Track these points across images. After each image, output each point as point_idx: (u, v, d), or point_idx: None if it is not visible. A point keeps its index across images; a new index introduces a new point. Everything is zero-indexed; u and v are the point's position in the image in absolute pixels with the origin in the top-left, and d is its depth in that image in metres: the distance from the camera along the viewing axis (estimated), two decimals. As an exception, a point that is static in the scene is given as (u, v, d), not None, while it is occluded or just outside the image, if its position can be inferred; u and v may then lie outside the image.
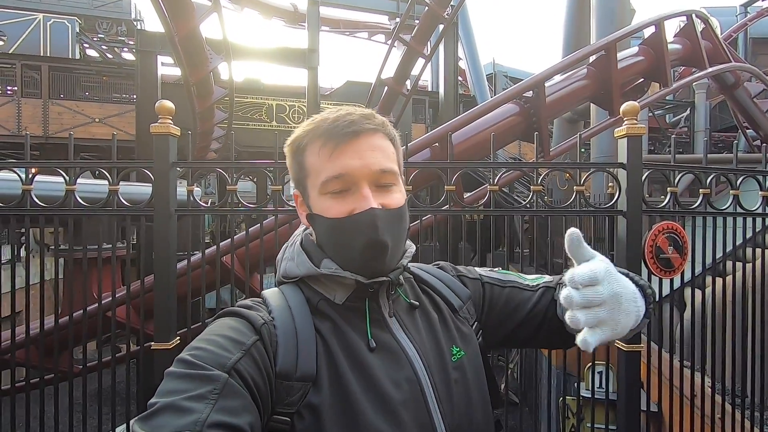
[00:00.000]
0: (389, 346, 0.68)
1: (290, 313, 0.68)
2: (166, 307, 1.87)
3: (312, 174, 0.70)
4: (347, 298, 0.70)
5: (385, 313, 0.71)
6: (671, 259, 2.04)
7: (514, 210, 2.28)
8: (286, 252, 0.78)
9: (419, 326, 0.73)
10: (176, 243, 1.91)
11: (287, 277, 0.75)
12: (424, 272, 0.84)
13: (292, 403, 0.61)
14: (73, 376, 2.29)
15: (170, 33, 5.93)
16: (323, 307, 0.70)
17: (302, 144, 0.72)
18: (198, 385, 0.54)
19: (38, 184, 1.99)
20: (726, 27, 16.67)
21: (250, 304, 0.70)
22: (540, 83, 4.57)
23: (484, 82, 15.44)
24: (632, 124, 1.98)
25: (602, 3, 7.42)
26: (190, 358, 0.58)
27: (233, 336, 0.61)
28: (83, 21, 14.41)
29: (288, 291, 0.73)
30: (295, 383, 0.62)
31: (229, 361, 0.57)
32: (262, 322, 0.65)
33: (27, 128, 11.36)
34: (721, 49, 7.10)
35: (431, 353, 0.71)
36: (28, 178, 1.93)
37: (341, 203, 0.68)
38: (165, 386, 0.56)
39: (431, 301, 0.79)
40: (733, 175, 2.23)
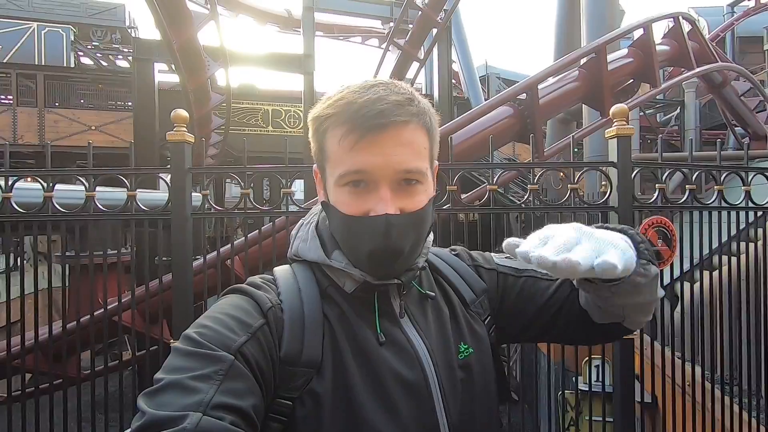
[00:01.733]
0: (398, 342, 0.66)
1: (299, 296, 0.66)
2: (183, 306, 1.95)
3: (331, 161, 0.66)
4: (356, 288, 0.68)
5: (395, 307, 0.69)
6: (661, 251, 2.16)
7: (513, 208, 2.39)
8: (300, 230, 0.75)
9: (429, 320, 0.71)
10: (192, 246, 2.01)
11: (297, 257, 0.73)
12: (439, 260, 0.81)
13: (294, 388, 0.61)
14: (67, 385, 2.32)
15: (169, 41, 6.02)
16: (333, 294, 0.68)
17: (323, 126, 0.66)
18: (203, 365, 0.54)
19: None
20: (713, 26, 16.98)
21: (259, 282, 0.68)
22: (533, 86, 4.70)
23: (478, 84, 15.61)
24: (621, 125, 2.10)
25: (592, 5, 7.58)
26: (196, 336, 0.57)
27: (240, 317, 0.61)
28: (78, 29, 14.42)
29: (300, 272, 0.70)
30: (299, 369, 0.61)
31: (235, 343, 0.57)
32: (269, 305, 0.63)
33: (23, 137, 11.41)
34: (708, 49, 7.29)
35: (439, 349, 0.69)
36: (50, 186, 2.01)
37: (358, 200, 0.64)
38: (171, 362, 0.56)
39: (443, 293, 0.77)
40: (718, 171, 2.35)
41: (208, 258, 2.76)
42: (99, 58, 15.60)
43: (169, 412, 0.50)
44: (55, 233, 2.28)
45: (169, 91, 11.15)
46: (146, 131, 9.17)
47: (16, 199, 2.04)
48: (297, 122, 12.43)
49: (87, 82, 12.88)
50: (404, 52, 9.96)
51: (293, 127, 12.53)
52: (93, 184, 2.03)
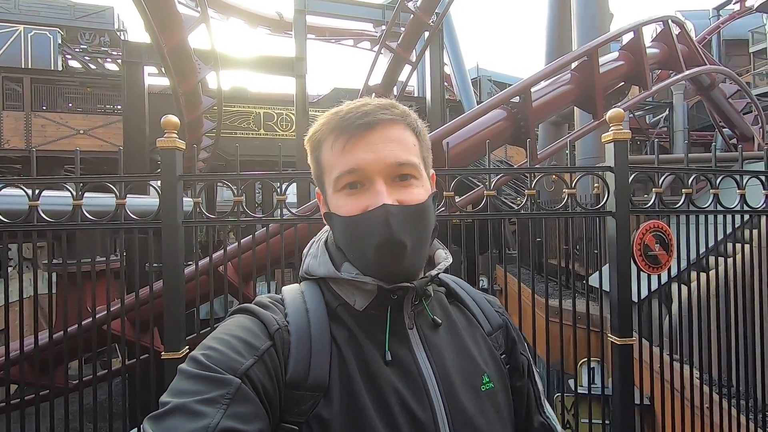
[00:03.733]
0: (405, 364, 0.64)
1: (307, 317, 0.65)
2: (175, 315, 1.90)
3: (327, 170, 0.67)
4: (368, 305, 0.66)
5: (407, 328, 0.66)
6: (658, 256, 2.16)
7: (511, 213, 2.37)
8: (311, 248, 0.74)
9: (443, 345, 0.68)
10: (183, 254, 1.96)
11: (309, 275, 0.71)
12: (457, 286, 0.79)
13: (301, 412, 0.59)
14: (53, 396, 2.27)
15: (159, 44, 5.93)
16: (342, 314, 0.66)
17: (318, 140, 0.68)
18: (210, 389, 0.53)
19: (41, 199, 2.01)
20: (700, 30, 17.26)
21: (267, 302, 0.67)
22: (526, 89, 4.71)
23: (470, 87, 15.69)
24: (618, 129, 2.09)
25: (583, 9, 7.65)
26: (203, 359, 0.56)
27: (247, 339, 0.59)
28: (65, 32, 14.24)
29: (308, 291, 0.69)
30: (305, 393, 0.59)
31: (242, 366, 0.56)
32: (276, 327, 0.62)
33: (9, 141, 11.19)
34: (697, 52, 7.38)
35: (454, 377, 0.65)
36: (35, 194, 1.95)
37: (355, 200, 0.64)
38: (177, 385, 0.55)
39: (465, 318, 0.74)
40: (713, 175, 2.36)
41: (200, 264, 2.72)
42: (87, 61, 15.40)
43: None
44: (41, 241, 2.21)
45: (160, 94, 11.03)
46: (136, 135, 9.05)
47: (0, 206, 1.97)
48: (289, 125, 12.36)
49: (75, 85, 12.68)
50: (396, 55, 9.97)
51: (285, 130, 12.46)
52: (81, 192, 1.97)
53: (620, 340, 2.09)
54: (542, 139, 9.49)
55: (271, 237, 2.15)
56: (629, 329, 2.11)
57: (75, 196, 1.94)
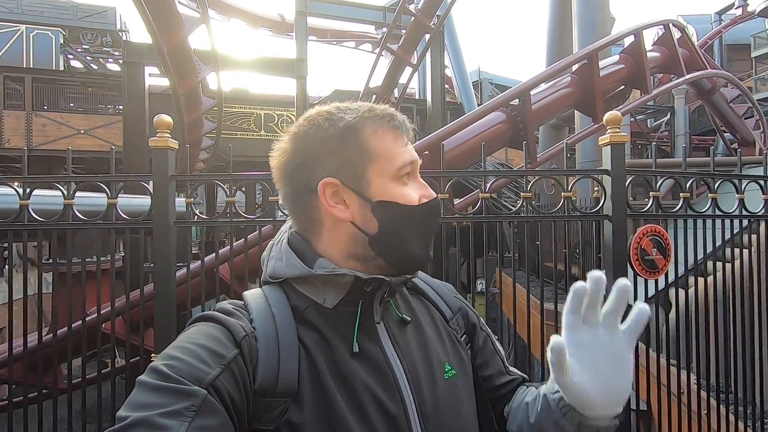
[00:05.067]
0: (375, 358, 0.65)
1: (273, 322, 0.63)
2: (166, 317, 1.89)
3: (382, 159, 0.66)
4: (339, 301, 0.66)
5: (376, 323, 0.67)
6: (655, 260, 2.14)
7: (506, 216, 2.36)
8: (272, 251, 0.72)
9: (409, 338, 0.70)
10: (175, 255, 1.94)
11: (274, 278, 0.70)
12: (418, 279, 0.80)
13: (270, 419, 0.58)
14: (42, 399, 2.25)
15: (159, 45, 5.94)
16: (310, 316, 0.65)
17: (360, 127, 0.67)
18: (174, 400, 0.51)
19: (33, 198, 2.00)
20: (702, 34, 17.25)
21: (230, 309, 0.65)
22: (526, 91, 4.70)
23: (471, 90, 15.69)
24: (615, 132, 2.08)
25: (583, 12, 7.64)
26: (165, 369, 0.53)
27: (213, 347, 0.57)
28: (67, 32, 14.27)
29: (272, 295, 0.67)
30: (274, 399, 0.58)
31: (208, 376, 0.54)
32: (243, 334, 0.60)
33: (10, 141, 11.21)
34: (698, 56, 7.37)
35: (420, 368, 0.67)
36: (26, 193, 1.93)
37: (411, 190, 0.68)
38: (137, 398, 0.52)
39: (426, 310, 0.76)
40: (711, 179, 2.34)
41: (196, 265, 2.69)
42: (89, 61, 15.44)
43: None
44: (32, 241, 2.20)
45: (160, 95, 11.04)
46: (136, 135, 9.05)
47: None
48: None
49: (76, 85, 12.70)
50: (397, 57, 9.97)
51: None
52: (72, 191, 1.96)
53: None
54: (543, 143, 9.48)
55: (264, 239, 2.13)
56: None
57: (66, 196, 1.93)
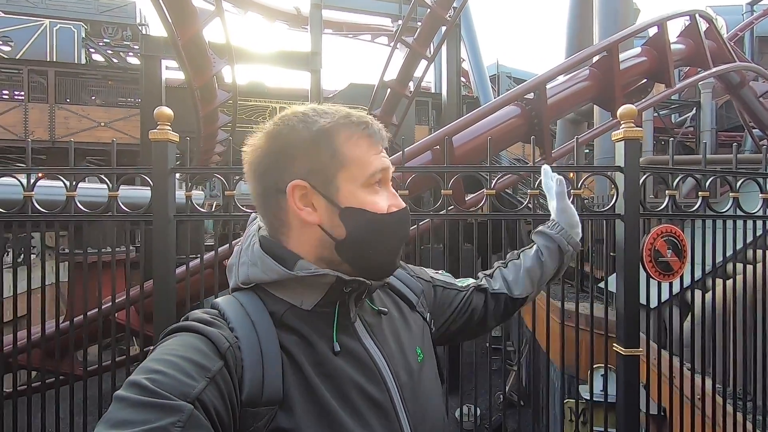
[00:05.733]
0: (357, 354, 0.66)
1: (254, 330, 0.62)
2: (166, 312, 1.89)
3: (354, 166, 0.66)
4: (316, 303, 0.66)
5: (353, 319, 0.69)
6: (670, 262, 2.03)
7: (513, 214, 2.28)
8: (242, 256, 0.70)
9: (384, 330, 0.73)
10: (175, 248, 1.94)
11: (246, 284, 0.68)
12: None
13: (257, 429, 0.57)
14: (60, 384, 2.30)
15: (173, 38, 5.99)
16: (288, 320, 0.65)
17: (334, 131, 0.66)
18: (158, 416, 0.49)
19: (42, 189, 2.03)
20: (732, 26, 16.55)
21: (208, 319, 0.62)
22: (541, 85, 4.56)
23: (488, 83, 15.42)
24: (629, 127, 1.98)
25: (605, 3, 7.40)
26: (148, 384, 0.51)
27: (197, 359, 0.55)
28: (89, 26, 14.58)
29: (248, 302, 0.66)
30: (261, 409, 0.58)
31: (194, 390, 0.52)
32: (227, 345, 0.58)
33: (34, 132, 11.53)
34: (726, 48, 7.05)
35: (397, 357, 0.71)
36: (30, 185, 1.96)
37: (380, 198, 0.68)
38: (117, 414, 0.50)
39: (392, 301, 0.80)
40: (733, 177, 2.21)
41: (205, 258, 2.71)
42: (110, 54, 15.75)
43: None
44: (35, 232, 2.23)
45: (177, 88, 11.18)
46: (153, 128, 9.18)
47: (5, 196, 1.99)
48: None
49: (97, 78, 12.97)
50: (412, 50, 9.84)
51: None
52: (75, 183, 1.97)
53: (626, 351, 1.98)
54: (560, 138, 9.26)
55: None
56: (636, 339, 2.00)
57: (69, 187, 1.94)
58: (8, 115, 11.47)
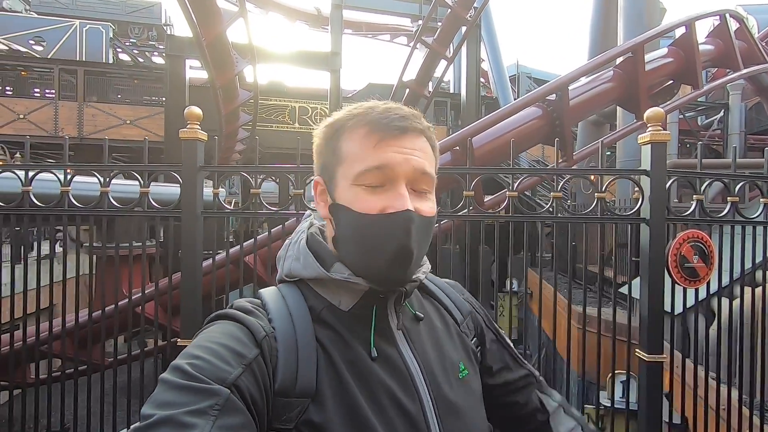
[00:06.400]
0: (392, 360, 0.65)
1: (291, 322, 0.63)
2: (192, 305, 1.94)
3: (347, 161, 0.65)
4: (354, 305, 0.66)
5: (392, 324, 0.68)
6: (696, 268, 1.99)
7: (535, 216, 2.27)
8: (289, 249, 0.72)
9: (423, 338, 0.70)
10: (202, 243, 1.99)
11: (290, 277, 0.70)
12: (427, 280, 0.80)
13: (289, 419, 0.58)
14: (104, 368, 2.40)
15: (198, 38, 6.12)
16: (326, 316, 0.66)
17: (342, 128, 0.67)
18: (198, 399, 0.52)
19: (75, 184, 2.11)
20: (764, 25, 15.97)
21: (249, 308, 0.65)
22: (564, 86, 4.51)
23: (507, 84, 15.28)
24: (656, 130, 1.95)
25: (631, 3, 7.25)
26: (188, 368, 0.54)
27: (234, 347, 0.58)
28: (116, 26, 15.00)
29: (289, 294, 0.68)
30: (293, 400, 0.59)
31: (230, 376, 0.55)
32: (263, 334, 0.61)
33: (63, 129, 11.93)
34: (757, 49, 6.82)
35: (435, 367, 0.68)
36: (66, 180, 2.04)
37: (375, 198, 0.63)
38: (161, 396, 0.53)
39: (437, 312, 0.77)
40: (764, 182, 2.16)
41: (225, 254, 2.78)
42: (136, 54, 16.17)
43: None
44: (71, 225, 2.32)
45: (200, 87, 11.42)
46: (176, 126, 9.33)
47: (37, 190, 2.08)
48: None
49: (124, 77, 13.35)
50: (432, 50, 9.83)
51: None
52: (108, 179, 2.05)
53: (649, 357, 1.95)
54: (581, 140, 9.10)
55: (288, 233, 2.15)
56: (659, 346, 1.97)
57: (103, 183, 2.02)
58: (39, 113, 11.90)
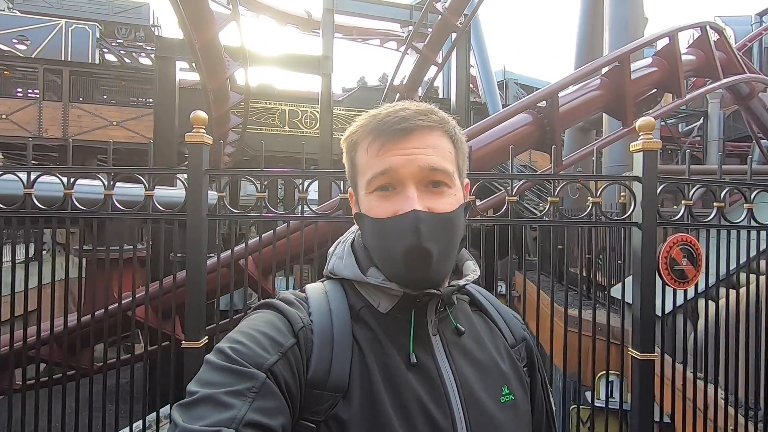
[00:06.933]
0: (427, 369, 0.64)
1: (330, 317, 0.65)
2: (196, 307, 1.95)
3: (361, 172, 0.67)
4: (392, 308, 0.67)
5: (431, 332, 0.67)
6: (685, 270, 2.09)
7: (533, 221, 2.34)
8: (337, 248, 0.75)
9: (465, 353, 0.68)
10: (206, 246, 2.01)
11: (334, 275, 0.72)
12: (481, 296, 0.79)
13: (319, 411, 0.60)
14: (93, 373, 2.37)
15: (191, 40, 6.09)
16: (365, 315, 0.67)
17: (354, 141, 0.69)
18: (236, 381, 0.55)
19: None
20: (741, 36, 16.54)
21: (292, 299, 0.68)
22: (554, 93, 4.62)
23: (495, 90, 15.50)
24: (648, 138, 2.04)
25: (615, 12, 7.45)
26: (230, 352, 0.58)
27: (272, 334, 0.61)
28: (103, 26, 14.78)
29: (332, 291, 0.70)
30: (325, 393, 0.60)
31: (267, 361, 0.57)
32: (301, 325, 0.63)
33: (48, 130, 11.68)
34: (736, 59, 7.09)
35: (473, 384, 0.66)
36: (69, 183, 2.03)
37: (386, 203, 0.64)
38: (205, 375, 0.57)
39: (487, 328, 0.74)
40: (747, 188, 2.27)
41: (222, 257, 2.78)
42: (123, 55, 15.94)
43: (202, 426, 0.51)
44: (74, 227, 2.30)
45: (189, 89, 11.31)
46: (166, 128, 9.32)
47: (38, 193, 2.07)
48: (313, 123, 12.50)
49: (110, 78, 13.15)
50: (422, 55, 9.94)
51: (309, 127, 12.61)
52: (112, 182, 2.05)
53: (641, 355, 2.03)
54: (569, 146, 9.28)
55: (291, 233, 2.18)
56: (651, 344, 2.05)
57: (106, 186, 2.02)
58: (23, 113, 11.63)
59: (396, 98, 10.50)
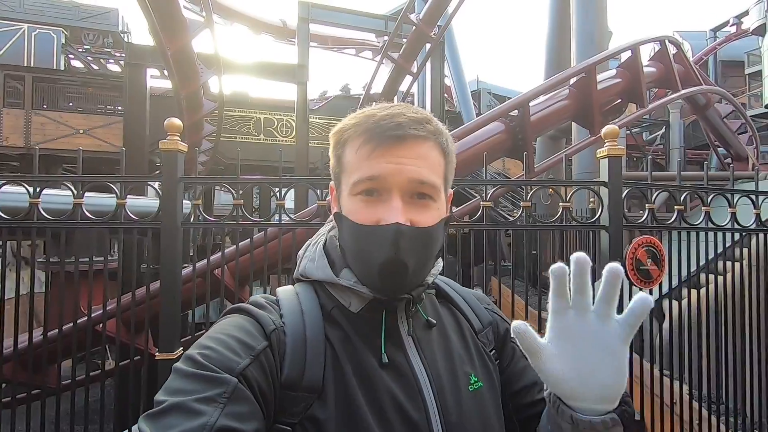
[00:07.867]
0: (400, 366, 0.65)
1: (302, 318, 0.65)
2: (171, 317, 1.91)
3: (347, 171, 0.67)
4: (362, 308, 0.67)
5: (402, 331, 0.68)
6: (650, 270, 2.19)
7: (506, 225, 2.41)
8: (307, 250, 0.74)
9: (434, 347, 0.69)
10: (182, 255, 1.97)
11: (305, 277, 0.72)
12: (447, 286, 0.80)
13: (295, 413, 0.59)
14: (45, 395, 2.26)
15: (163, 48, 5.99)
16: (336, 315, 0.67)
17: (343, 138, 0.68)
18: (207, 387, 0.53)
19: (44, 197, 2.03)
20: (697, 50, 17.55)
21: (263, 302, 0.67)
22: (525, 103, 4.78)
23: (469, 99, 15.84)
24: (613, 145, 2.14)
25: (581, 25, 7.78)
26: (199, 358, 0.56)
27: (243, 338, 0.60)
28: (69, 32, 14.30)
29: (303, 292, 0.70)
30: (299, 394, 0.60)
31: (238, 365, 0.56)
32: (273, 327, 0.62)
33: (8, 138, 11.18)
34: (693, 72, 7.52)
35: (444, 378, 0.67)
36: (36, 192, 1.96)
37: (370, 209, 0.64)
38: (173, 383, 0.55)
39: (453, 319, 0.75)
40: (705, 193, 2.40)
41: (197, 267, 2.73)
42: (90, 61, 15.44)
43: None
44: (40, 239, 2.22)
45: (161, 96, 11.07)
46: (136, 136, 9.06)
47: (1, 203, 1.99)
48: (289, 131, 12.43)
49: (76, 85, 12.70)
50: (398, 65, 10.08)
51: (285, 136, 12.53)
52: (82, 191, 1.99)
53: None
54: (540, 153, 9.56)
55: (269, 241, 2.17)
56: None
57: (76, 195, 1.96)
58: (-19, 121, 11.11)
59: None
